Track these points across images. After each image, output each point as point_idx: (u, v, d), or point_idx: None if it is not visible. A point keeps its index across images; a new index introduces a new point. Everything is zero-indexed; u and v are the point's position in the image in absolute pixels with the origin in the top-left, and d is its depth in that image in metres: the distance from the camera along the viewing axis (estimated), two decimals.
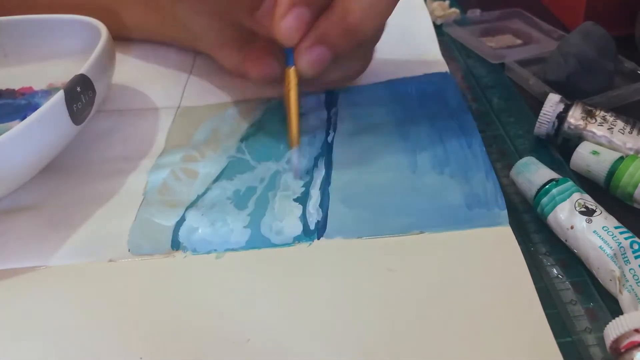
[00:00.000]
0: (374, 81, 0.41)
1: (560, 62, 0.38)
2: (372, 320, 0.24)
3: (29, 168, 0.31)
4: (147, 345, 0.24)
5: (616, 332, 0.20)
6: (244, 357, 0.23)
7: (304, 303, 0.25)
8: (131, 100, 0.41)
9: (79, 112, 0.32)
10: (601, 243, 0.24)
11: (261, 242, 0.28)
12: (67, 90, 0.31)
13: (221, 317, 0.25)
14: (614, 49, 0.37)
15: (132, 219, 0.30)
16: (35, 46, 0.43)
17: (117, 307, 0.26)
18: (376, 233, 0.28)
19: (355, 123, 0.36)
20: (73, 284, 0.27)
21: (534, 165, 0.29)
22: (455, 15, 0.50)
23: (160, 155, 0.35)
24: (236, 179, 0.32)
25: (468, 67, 0.43)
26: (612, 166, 0.29)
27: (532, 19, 0.47)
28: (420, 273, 0.26)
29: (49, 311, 0.26)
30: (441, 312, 0.24)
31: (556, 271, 0.26)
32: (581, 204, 0.26)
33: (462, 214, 0.28)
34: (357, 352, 0.23)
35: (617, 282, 0.23)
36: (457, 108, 0.36)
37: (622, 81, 0.39)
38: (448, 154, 0.32)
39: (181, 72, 0.44)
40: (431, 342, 0.23)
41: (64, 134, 0.32)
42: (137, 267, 0.28)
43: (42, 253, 0.29)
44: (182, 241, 0.28)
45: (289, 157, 0.33)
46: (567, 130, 0.32)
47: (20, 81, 0.42)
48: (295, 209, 0.30)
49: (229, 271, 0.27)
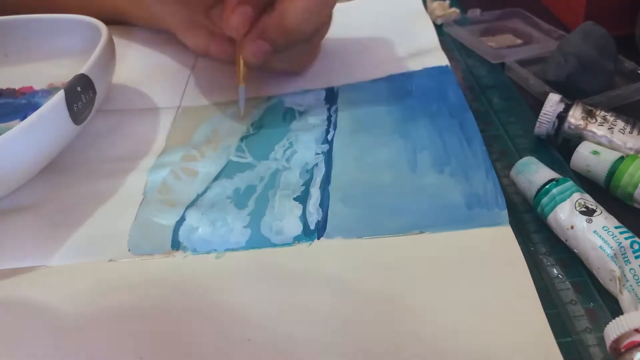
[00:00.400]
0: (374, 77, 0.41)
1: (560, 62, 0.38)
2: (372, 320, 0.24)
3: (29, 167, 0.31)
4: (147, 345, 0.24)
5: (616, 332, 0.20)
6: (244, 357, 0.23)
7: (303, 303, 0.25)
8: (131, 100, 0.41)
9: (80, 112, 0.32)
10: (601, 243, 0.24)
11: (261, 242, 0.28)
12: (68, 90, 0.31)
13: (221, 317, 0.25)
14: (614, 49, 0.37)
15: (132, 219, 0.30)
16: (36, 46, 0.43)
17: (117, 307, 0.26)
18: (376, 233, 0.28)
19: (356, 121, 0.36)
20: (73, 284, 0.27)
21: (534, 165, 0.29)
22: (455, 15, 0.50)
23: (160, 154, 0.35)
24: (236, 177, 0.32)
25: (468, 67, 0.43)
26: (612, 166, 0.29)
27: (532, 19, 0.47)
28: (420, 273, 0.26)
29: (49, 311, 0.26)
30: (441, 312, 0.24)
31: (556, 271, 0.26)
32: (581, 203, 0.26)
33: (462, 214, 0.28)
34: (357, 352, 0.23)
35: (617, 282, 0.23)
36: (458, 106, 0.36)
37: (622, 81, 0.39)
38: (448, 153, 0.32)
39: (182, 72, 0.44)
40: (431, 342, 0.23)
41: (64, 133, 0.32)
42: (137, 267, 0.28)
43: (42, 253, 0.29)
44: (182, 241, 0.28)
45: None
46: (567, 130, 0.32)
47: (20, 81, 0.42)
48: (295, 208, 0.30)
49: (229, 271, 0.27)
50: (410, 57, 0.43)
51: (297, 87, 0.41)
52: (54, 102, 0.30)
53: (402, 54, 0.43)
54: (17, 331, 0.25)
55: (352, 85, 0.40)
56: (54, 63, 0.43)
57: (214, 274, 0.27)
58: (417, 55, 0.43)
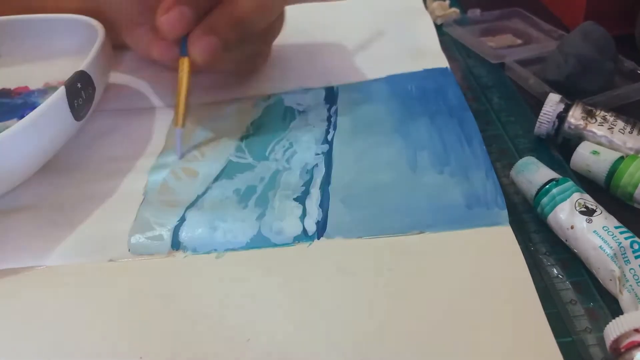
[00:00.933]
0: (373, 77, 0.41)
1: (560, 62, 0.38)
2: (372, 320, 0.24)
3: (31, 164, 0.31)
4: (147, 345, 0.24)
5: (616, 332, 0.20)
6: (244, 357, 0.23)
7: (303, 303, 0.25)
8: (130, 99, 0.41)
9: (80, 108, 0.32)
10: (601, 243, 0.24)
11: (261, 242, 0.28)
12: (68, 86, 0.31)
13: (221, 316, 0.25)
14: (614, 48, 0.37)
15: (132, 219, 0.30)
16: (31, 46, 0.43)
17: (117, 307, 0.26)
18: (376, 233, 0.28)
19: (355, 121, 0.36)
20: (73, 283, 0.27)
21: (534, 165, 0.29)
22: (455, 15, 0.50)
23: (160, 154, 0.35)
24: (236, 178, 0.32)
25: (468, 66, 0.43)
26: (612, 166, 0.29)
27: (532, 19, 0.47)
28: (420, 273, 0.26)
29: (49, 311, 0.26)
30: (441, 312, 0.24)
31: (556, 271, 0.26)
32: (581, 203, 0.26)
33: (462, 214, 0.28)
34: (357, 351, 0.23)
35: (617, 282, 0.23)
36: (458, 105, 0.36)
37: (622, 81, 0.39)
38: (448, 153, 0.32)
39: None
40: (431, 342, 0.23)
41: (65, 129, 0.32)
42: (137, 267, 0.28)
43: (42, 253, 0.29)
44: (182, 241, 0.28)
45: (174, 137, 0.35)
46: (567, 130, 0.32)
47: (16, 81, 0.42)
48: (296, 208, 0.30)
49: (229, 271, 0.27)
50: (410, 57, 0.43)
51: (297, 86, 0.41)
52: (56, 98, 0.30)
53: (403, 54, 0.43)
54: (17, 331, 0.25)
55: (352, 85, 0.40)
56: (50, 63, 0.43)
57: (214, 274, 0.27)
58: (418, 56, 0.43)
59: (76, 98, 0.32)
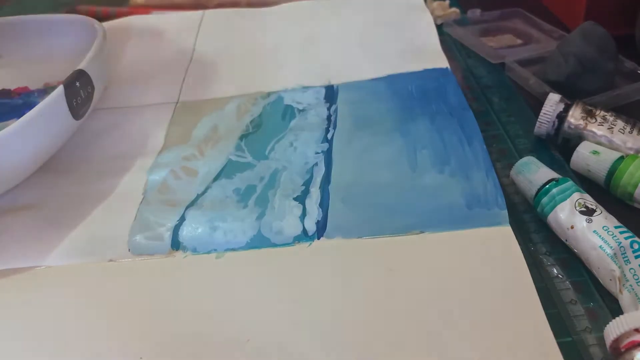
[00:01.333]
0: (374, 76, 0.41)
1: (560, 62, 0.38)
2: (372, 320, 0.24)
3: (30, 163, 0.31)
4: (147, 345, 0.24)
5: (616, 332, 0.20)
6: (244, 357, 0.23)
7: (303, 303, 0.25)
8: (129, 97, 0.41)
9: (79, 107, 0.32)
10: (601, 243, 0.24)
11: (261, 242, 0.28)
12: (67, 85, 0.31)
13: (221, 316, 0.25)
14: (614, 49, 0.37)
15: (132, 219, 0.30)
16: (31, 46, 0.43)
17: (117, 307, 0.26)
18: (376, 233, 0.28)
19: (355, 120, 0.36)
20: (73, 283, 0.27)
21: (534, 165, 0.29)
22: (455, 15, 0.50)
23: (159, 153, 0.35)
24: (236, 177, 0.32)
25: (468, 67, 0.43)
26: (612, 166, 0.29)
27: (532, 19, 0.47)
28: (420, 273, 0.26)
29: (49, 311, 0.26)
30: (441, 311, 0.24)
31: (556, 271, 0.26)
32: (581, 203, 0.26)
33: (462, 214, 0.28)
34: (357, 351, 0.23)
35: (617, 282, 0.23)
36: (458, 105, 0.36)
37: (622, 81, 0.39)
38: (448, 152, 0.32)
39: (178, 67, 0.44)
40: (431, 342, 0.23)
41: (64, 128, 0.32)
42: (137, 267, 0.27)
43: (41, 253, 0.29)
44: (182, 241, 0.28)
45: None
46: (567, 130, 0.32)
47: (16, 81, 0.42)
48: (295, 208, 0.30)
49: (229, 271, 0.27)
50: (411, 57, 0.43)
51: (296, 84, 0.41)
52: (54, 97, 0.30)
53: (403, 53, 0.43)
54: (17, 331, 0.25)
55: (351, 84, 0.40)
56: (49, 63, 0.43)
57: (214, 274, 0.27)
58: (418, 55, 0.43)
59: (75, 97, 0.32)
